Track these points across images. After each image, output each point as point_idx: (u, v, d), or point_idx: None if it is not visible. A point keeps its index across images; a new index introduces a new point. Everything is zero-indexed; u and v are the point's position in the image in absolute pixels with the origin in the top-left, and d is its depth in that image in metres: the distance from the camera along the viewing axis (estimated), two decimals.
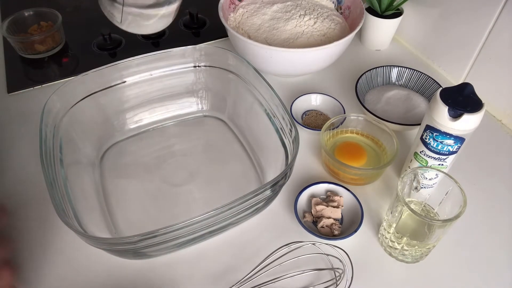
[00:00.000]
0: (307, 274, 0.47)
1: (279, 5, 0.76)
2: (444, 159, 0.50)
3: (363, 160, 0.59)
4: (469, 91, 0.47)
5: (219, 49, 0.60)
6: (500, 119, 0.68)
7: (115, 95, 0.60)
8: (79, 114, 0.56)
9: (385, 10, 0.78)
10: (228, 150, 0.62)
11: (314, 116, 0.67)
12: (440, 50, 0.76)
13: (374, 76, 0.71)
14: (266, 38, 0.72)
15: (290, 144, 0.50)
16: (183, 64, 0.62)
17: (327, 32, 0.72)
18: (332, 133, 0.62)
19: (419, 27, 0.79)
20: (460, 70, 0.72)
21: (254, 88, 0.57)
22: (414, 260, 0.49)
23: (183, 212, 0.53)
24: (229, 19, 0.76)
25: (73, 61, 0.79)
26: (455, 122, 0.46)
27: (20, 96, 0.71)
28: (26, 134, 0.63)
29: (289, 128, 0.50)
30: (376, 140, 0.61)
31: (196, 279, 0.48)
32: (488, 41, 0.65)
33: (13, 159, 0.60)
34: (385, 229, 0.49)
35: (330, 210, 0.52)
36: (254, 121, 0.59)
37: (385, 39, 0.82)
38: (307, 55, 0.66)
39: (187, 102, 0.66)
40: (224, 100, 0.64)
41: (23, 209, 0.54)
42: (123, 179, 0.57)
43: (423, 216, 0.42)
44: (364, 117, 0.61)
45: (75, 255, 0.50)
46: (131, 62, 0.58)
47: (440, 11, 0.73)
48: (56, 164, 0.48)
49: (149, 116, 0.64)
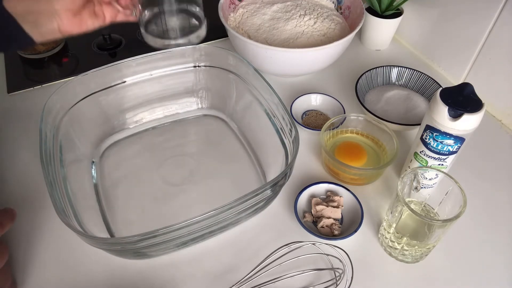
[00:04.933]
0: (307, 274, 0.47)
1: (279, 5, 0.76)
2: (444, 159, 0.50)
3: (363, 160, 0.59)
4: (469, 91, 0.47)
5: (219, 49, 0.60)
6: (500, 119, 0.68)
7: (115, 95, 0.60)
8: (79, 114, 0.56)
9: (385, 10, 0.78)
10: (228, 150, 0.62)
11: (314, 116, 0.67)
12: (440, 50, 0.76)
13: (374, 76, 0.71)
14: (266, 38, 0.72)
15: (290, 144, 0.50)
16: (183, 64, 0.62)
17: (327, 32, 0.72)
18: (332, 133, 0.62)
19: (419, 27, 0.79)
20: (460, 70, 0.72)
21: (254, 88, 0.57)
22: (414, 260, 0.49)
23: (183, 212, 0.53)
24: (229, 19, 0.76)
25: (73, 61, 0.79)
26: (455, 122, 0.46)
27: (20, 96, 0.71)
28: (26, 134, 0.63)
29: (289, 128, 0.50)
30: (376, 140, 0.61)
31: (196, 279, 0.48)
32: (488, 41, 0.65)
33: (13, 159, 0.60)
34: (385, 229, 0.49)
35: (330, 210, 0.52)
36: (254, 121, 0.59)
37: (385, 39, 0.82)
38: (307, 55, 0.66)
39: (187, 102, 0.66)
40: (224, 100, 0.64)
41: (23, 209, 0.54)
42: (123, 179, 0.57)
43: (423, 216, 0.42)
44: (364, 117, 0.61)
45: (75, 254, 0.50)
46: (131, 62, 0.58)
47: (440, 11, 0.73)
48: (56, 164, 0.48)
49: (149, 116, 0.64)
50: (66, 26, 0.53)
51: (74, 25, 0.54)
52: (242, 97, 0.61)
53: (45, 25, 0.53)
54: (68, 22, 0.53)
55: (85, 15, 0.55)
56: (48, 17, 0.53)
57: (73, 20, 0.54)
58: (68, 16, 0.53)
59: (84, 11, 0.54)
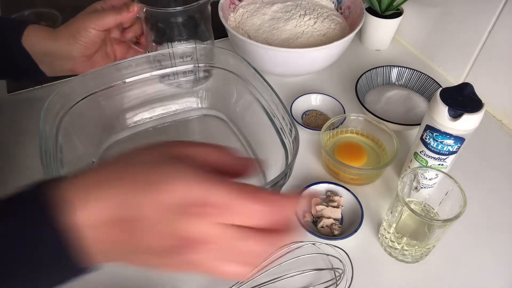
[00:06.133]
0: (307, 274, 0.47)
1: (279, 5, 0.76)
2: (444, 159, 0.50)
3: (363, 160, 0.59)
4: (469, 91, 0.47)
5: (219, 49, 0.60)
6: (500, 119, 0.68)
7: (115, 95, 0.60)
8: (79, 114, 0.56)
9: (385, 10, 0.78)
10: None
11: (314, 116, 0.67)
12: (440, 50, 0.76)
13: (374, 76, 0.71)
14: (266, 38, 0.72)
15: (290, 144, 0.50)
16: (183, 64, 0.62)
17: (327, 32, 0.72)
18: (332, 133, 0.62)
19: (419, 27, 0.79)
20: (460, 70, 0.72)
21: (254, 88, 0.57)
22: (414, 260, 0.49)
23: None
24: (229, 19, 0.76)
25: None
26: (455, 122, 0.46)
27: (20, 96, 0.71)
28: (26, 134, 0.63)
29: (289, 128, 0.50)
30: (376, 140, 0.61)
31: (196, 278, 0.48)
32: (488, 41, 0.65)
33: (13, 159, 0.60)
34: (385, 229, 0.49)
35: (330, 210, 0.52)
36: (254, 121, 0.59)
37: (385, 39, 0.82)
38: (307, 55, 0.66)
39: (187, 102, 0.66)
40: (224, 100, 0.64)
41: None
42: None
43: (423, 216, 0.42)
44: (364, 117, 0.61)
45: None
46: (131, 62, 0.58)
47: (440, 11, 0.73)
48: (56, 164, 0.48)
49: (148, 116, 0.64)
50: (79, 68, 0.56)
51: (86, 67, 0.57)
52: (242, 97, 0.60)
53: (60, 66, 0.55)
54: (81, 65, 0.56)
55: (98, 57, 0.58)
56: (64, 60, 0.55)
57: (87, 63, 0.56)
58: (82, 60, 0.56)
59: (97, 54, 0.57)
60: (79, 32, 0.54)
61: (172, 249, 0.27)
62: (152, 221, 0.26)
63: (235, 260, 0.28)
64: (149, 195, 0.26)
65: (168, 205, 0.26)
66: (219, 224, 0.27)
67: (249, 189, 0.27)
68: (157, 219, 0.26)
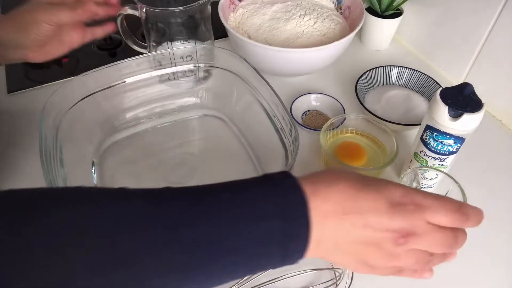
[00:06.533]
0: (307, 274, 0.47)
1: (279, 5, 0.76)
2: (444, 159, 0.50)
3: (363, 160, 0.59)
4: (469, 91, 0.47)
5: (219, 49, 0.60)
6: (500, 119, 0.68)
7: (115, 95, 0.60)
8: (79, 114, 0.56)
9: (385, 10, 0.78)
10: (228, 150, 0.62)
11: (314, 116, 0.67)
12: (440, 50, 0.76)
13: (374, 76, 0.71)
14: (266, 38, 0.72)
15: (290, 144, 0.50)
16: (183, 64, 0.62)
17: (327, 32, 0.72)
18: (332, 133, 0.62)
19: (419, 27, 0.79)
20: (460, 70, 0.72)
21: (254, 88, 0.57)
22: None
23: None
24: (229, 19, 0.76)
25: (73, 61, 0.79)
26: (455, 122, 0.46)
27: (20, 96, 0.71)
28: (26, 134, 0.63)
29: (289, 128, 0.50)
30: (376, 140, 0.61)
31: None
32: (488, 41, 0.65)
33: (13, 159, 0.60)
34: None
35: None
36: (254, 121, 0.59)
37: (385, 39, 0.82)
38: (307, 55, 0.66)
39: (187, 102, 0.66)
40: (224, 100, 0.64)
41: None
42: (123, 179, 0.57)
43: None
44: (364, 117, 0.61)
45: None
46: (131, 62, 0.58)
47: (440, 11, 0.73)
48: (56, 164, 0.48)
49: (148, 116, 0.64)
50: (32, 57, 0.54)
51: (39, 56, 0.55)
52: (242, 97, 0.61)
53: (12, 55, 0.54)
54: (34, 54, 0.54)
55: (52, 45, 0.55)
56: (15, 48, 0.53)
57: (40, 51, 0.54)
58: (34, 48, 0.54)
59: (50, 41, 0.55)
60: (30, 25, 0.51)
61: (390, 239, 0.32)
62: (372, 213, 0.31)
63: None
64: (372, 192, 0.32)
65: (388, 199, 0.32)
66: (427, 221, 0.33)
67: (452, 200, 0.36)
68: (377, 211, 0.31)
